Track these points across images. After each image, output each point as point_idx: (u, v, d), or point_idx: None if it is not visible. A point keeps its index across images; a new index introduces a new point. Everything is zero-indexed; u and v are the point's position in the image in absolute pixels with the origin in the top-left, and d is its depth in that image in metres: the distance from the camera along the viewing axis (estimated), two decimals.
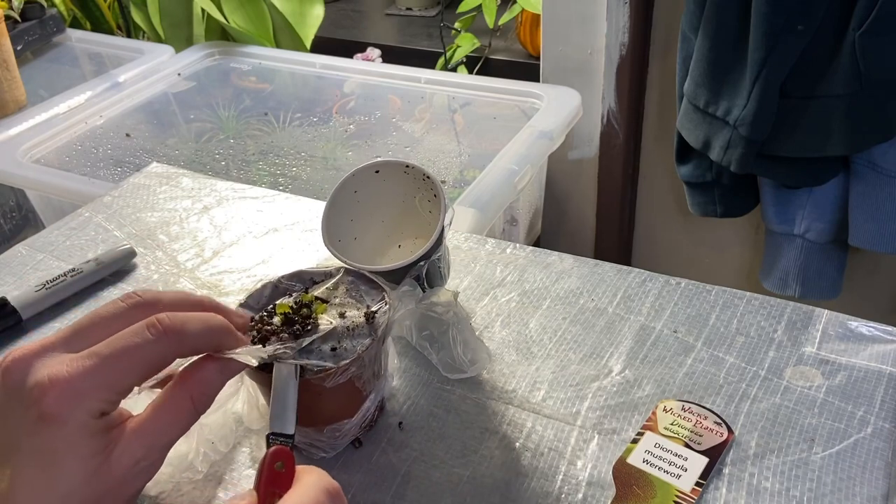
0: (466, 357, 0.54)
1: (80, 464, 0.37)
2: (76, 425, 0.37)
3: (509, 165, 1.06)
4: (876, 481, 0.46)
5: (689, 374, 0.54)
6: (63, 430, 0.37)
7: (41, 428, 0.37)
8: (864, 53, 0.86)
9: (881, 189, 0.96)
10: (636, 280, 0.63)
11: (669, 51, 1.24)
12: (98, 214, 0.76)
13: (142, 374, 0.39)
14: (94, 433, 0.38)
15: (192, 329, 0.40)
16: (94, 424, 0.38)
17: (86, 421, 0.37)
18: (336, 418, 0.48)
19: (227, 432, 0.51)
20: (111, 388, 0.38)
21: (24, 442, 0.37)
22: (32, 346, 0.39)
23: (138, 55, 1.46)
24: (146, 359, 0.39)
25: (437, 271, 0.56)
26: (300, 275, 0.52)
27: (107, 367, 0.38)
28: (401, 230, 0.59)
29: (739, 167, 0.98)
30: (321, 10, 1.65)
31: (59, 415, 0.36)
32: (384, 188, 0.57)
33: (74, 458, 0.37)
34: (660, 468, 0.47)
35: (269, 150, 1.22)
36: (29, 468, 0.37)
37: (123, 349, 0.38)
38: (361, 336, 0.47)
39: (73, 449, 0.37)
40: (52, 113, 1.26)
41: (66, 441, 0.37)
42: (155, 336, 0.39)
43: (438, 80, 1.35)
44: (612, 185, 1.40)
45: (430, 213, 0.56)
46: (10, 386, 0.38)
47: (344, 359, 0.45)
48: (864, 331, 0.56)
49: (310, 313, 0.47)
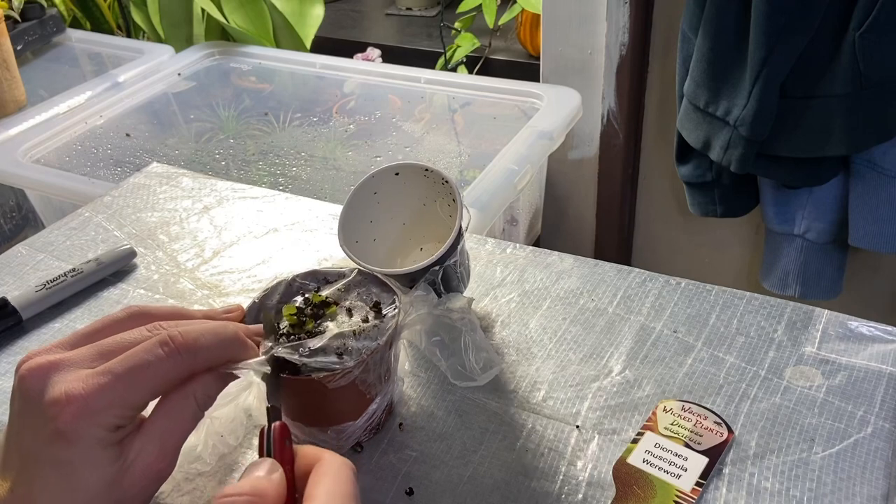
0: (478, 365, 0.53)
1: (97, 474, 0.38)
2: (92, 441, 0.38)
3: (509, 165, 1.06)
4: (876, 481, 0.46)
5: (689, 374, 0.54)
6: (79, 446, 0.37)
7: (57, 441, 0.37)
8: (864, 53, 0.86)
9: (881, 189, 0.96)
10: (636, 280, 0.63)
11: (669, 51, 1.24)
12: (98, 214, 0.76)
13: (156, 390, 0.40)
14: (108, 445, 0.38)
15: (205, 343, 0.41)
16: (109, 437, 0.38)
17: (101, 436, 0.38)
18: (340, 420, 0.48)
19: (237, 426, 0.51)
20: (126, 405, 0.39)
21: (43, 452, 0.38)
22: (49, 356, 0.40)
23: (138, 55, 1.46)
24: (160, 376, 0.40)
25: (456, 276, 0.56)
26: (315, 274, 0.52)
27: (121, 385, 0.39)
28: (423, 233, 0.59)
29: (739, 167, 0.98)
30: (321, 10, 1.65)
31: (74, 431, 0.37)
32: (404, 190, 0.56)
33: (92, 470, 0.38)
34: (660, 468, 0.47)
35: (269, 150, 1.22)
36: (49, 477, 0.38)
37: (138, 367, 0.39)
38: (369, 339, 0.47)
39: (89, 461, 0.38)
40: (52, 113, 1.26)
41: (82, 455, 0.38)
42: (167, 354, 0.40)
43: (438, 80, 1.35)
44: (612, 185, 1.40)
45: (451, 218, 0.56)
46: (28, 396, 0.39)
47: (349, 361, 0.45)
48: (865, 331, 0.56)
49: (320, 314, 0.48)
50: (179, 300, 0.64)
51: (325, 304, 0.49)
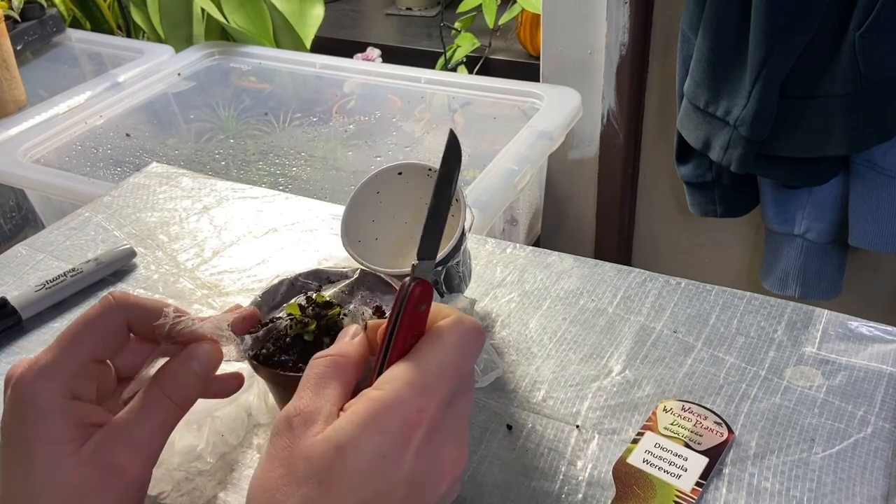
0: (479, 367, 0.53)
1: (52, 448, 0.38)
2: (46, 404, 0.38)
3: (509, 165, 1.06)
4: (876, 481, 0.46)
5: (689, 374, 0.54)
6: (35, 412, 0.38)
7: (17, 414, 0.38)
8: (864, 53, 0.86)
9: (881, 189, 0.96)
10: (636, 280, 0.63)
11: (669, 51, 1.24)
12: (98, 214, 0.76)
13: (100, 344, 0.41)
14: (64, 413, 0.38)
15: (142, 300, 0.42)
16: (65, 405, 0.39)
17: (55, 401, 0.38)
18: None
19: (238, 425, 0.51)
20: (73, 362, 0.40)
21: (6, 432, 0.38)
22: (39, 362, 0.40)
23: (138, 55, 1.46)
24: (101, 329, 0.41)
25: (458, 276, 0.56)
26: (317, 273, 0.52)
27: (65, 341, 0.40)
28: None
29: (739, 167, 0.98)
30: (321, 10, 1.64)
31: (31, 396, 0.38)
32: (407, 190, 0.56)
33: (47, 443, 0.38)
34: (660, 468, 0.47)
35: (269, 150, 1.21)
36: (8, 460, 0.38)
37: (79, 323, 0.41)
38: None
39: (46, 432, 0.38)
40: (52, 113, 1.26)
41: (37, 423, 0.38)
42: (102, 305, 0.41)
43: (438, 80, 1.35)
44: (612, 185, 1.40)
45: (453, 217, 0.56)
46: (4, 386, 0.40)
47: None
48: (865, 331, 0.56)
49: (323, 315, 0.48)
50: (179, 300, 0.64)
51: (328, 304, 0.49)
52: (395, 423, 0.33)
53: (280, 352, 0.47)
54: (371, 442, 0.33)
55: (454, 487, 0.36)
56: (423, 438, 0.34)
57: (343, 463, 0.32)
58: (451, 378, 0.36)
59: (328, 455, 0.33)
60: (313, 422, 0.34)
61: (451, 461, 0.35)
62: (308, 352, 0.46)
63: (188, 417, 0.46)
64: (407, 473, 0.33)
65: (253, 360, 0.46)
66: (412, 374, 0.35)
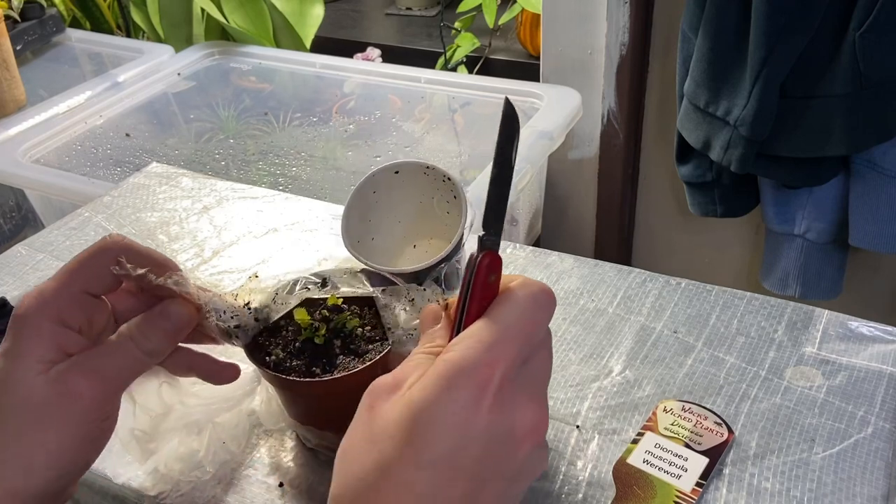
0: None
1: (29, 365, 0.40)
2: (35, 325, 0.41)
3: None
4: (876, 481, 0.46)
5: (690, 374, 0.54)
6: (25, 330, 0.41)
7: (13, 330, 0.41)
8: (864, 53, 0.86)
9: (881, 189, 0.96)
10: (636, 280, 0.63)
11: (669, 51, 1.24)
12: (98, 214, 0.76)
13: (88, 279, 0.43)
14: (48, 335, 0.41)
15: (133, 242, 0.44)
16: (52, 328, 0.41)
17: (43, 324, 0.41)
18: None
19: (240, 432, 0.50)
20: (63, 291, 0.42)
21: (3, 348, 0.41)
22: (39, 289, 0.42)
23: (138, 55, 1.46)
24: (95, 265, 0.43)
25: (457, 274, 0.56)
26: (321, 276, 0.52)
27: (60, 273, 0.42)
28: (416, 231, 0.59)
29: (739, 167, 0.98)
30: (321, 10, 1.64)
31: (25, 316, 0.41)
32: (403, 189, 0.56)
33: (26, 359, 0.40)
34: (660, 468, 0.47)
35: (269, 150, 1.21)
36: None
37: (77, 260, 0.43)
38: (379, 341, 0.47)
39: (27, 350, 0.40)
40: (52, 113, 1.25)
41: (24, 340, 0.40)
42: (99, 244, 0.43)
43: (438, 80, 1.35)
44: (612, 185, 1.40)
45: (448, 215, 0.56)
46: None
47: (358, 364, 0.45)
48: (865, 331, 0.56)
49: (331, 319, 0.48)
50: None
51: (338, 308, 0.49)
52: (466, 381, 0.34)
53: (290, 357, 0.46)
54: (442, 400, 0.33)
55: (538, 454, 0.36)
56: (496, 396, 0.34)
57: (414, 421, 0.33)
58: (521, 336, 0.36)
59: (402, 415, 0.33)
60: (398, 388, 0.35)
61: (530, 422, 0.35)
62: (318, 357, 0.46)
63: (188, 420, 0.46)
64: (481, 431, 0.33)
65: (264, 368, 0.46)
66: (482, 333, 0.35)
